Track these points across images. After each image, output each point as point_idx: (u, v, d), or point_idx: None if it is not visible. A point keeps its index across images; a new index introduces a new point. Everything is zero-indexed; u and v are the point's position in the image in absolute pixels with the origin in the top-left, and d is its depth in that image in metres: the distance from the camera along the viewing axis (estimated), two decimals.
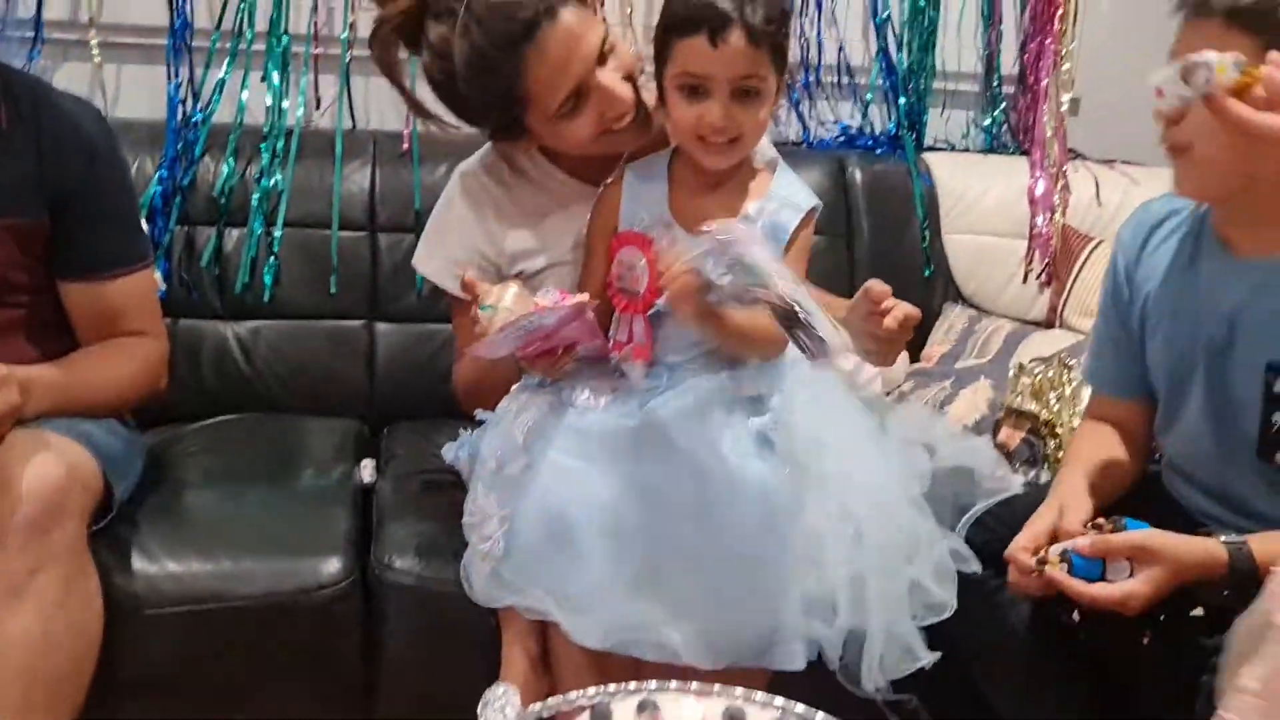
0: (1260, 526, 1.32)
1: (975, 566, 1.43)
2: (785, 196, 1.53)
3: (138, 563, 1.44)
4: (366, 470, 1.79)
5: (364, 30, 2.14)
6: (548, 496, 1.38)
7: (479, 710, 0.92)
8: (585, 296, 1.40)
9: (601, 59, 1.46)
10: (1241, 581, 1.22)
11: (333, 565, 1.49)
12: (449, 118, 1.55)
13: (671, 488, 1.39)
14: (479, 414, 1.52)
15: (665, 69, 1.45)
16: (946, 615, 1.41)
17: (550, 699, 0.91)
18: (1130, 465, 1.51)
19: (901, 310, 1.40)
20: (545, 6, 1.41)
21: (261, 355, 2.03)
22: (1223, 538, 1.26)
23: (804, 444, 1.46)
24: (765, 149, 1.62)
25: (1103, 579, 1.26)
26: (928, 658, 1.39)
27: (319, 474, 1.73)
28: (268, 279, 2.04)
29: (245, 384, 2.02)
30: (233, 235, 2.04)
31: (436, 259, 1.61)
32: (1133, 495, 1.52)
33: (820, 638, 1.38)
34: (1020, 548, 1.32)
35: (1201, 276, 1.40)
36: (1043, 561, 1.27)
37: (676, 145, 1.52)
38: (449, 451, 1.53)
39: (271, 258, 2.04)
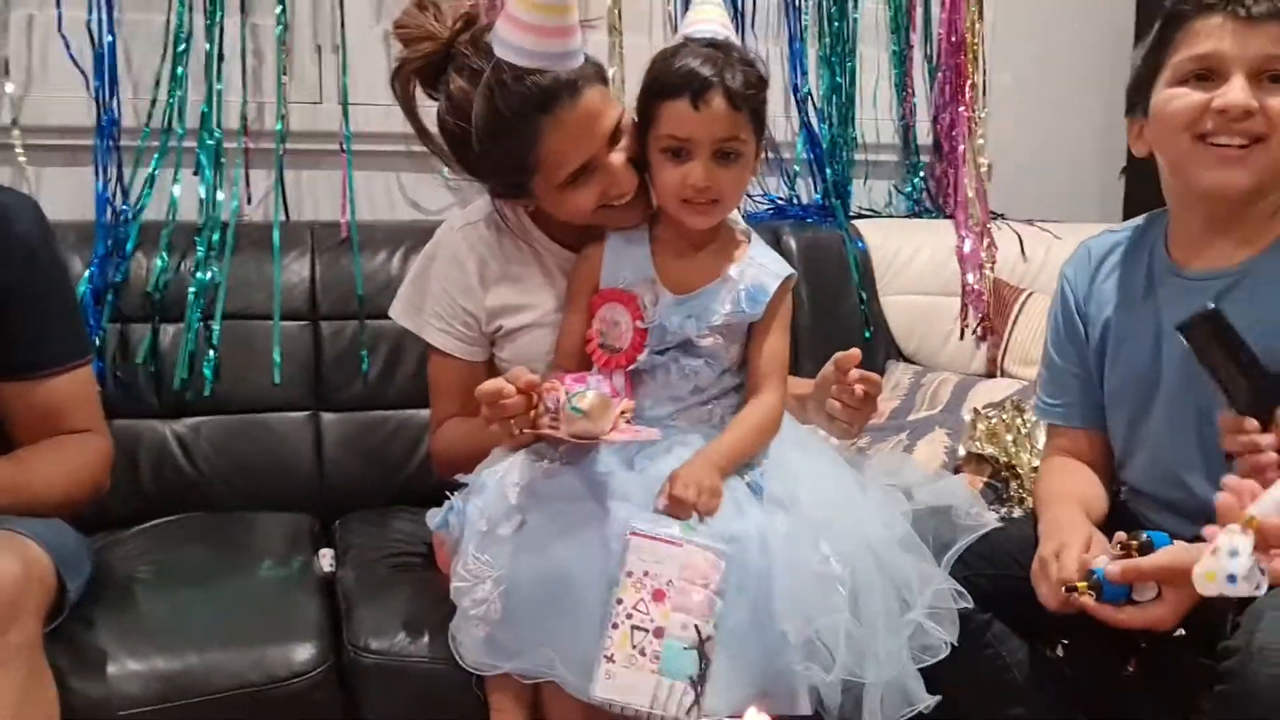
0: None
1: (968, 603, 1.43)
2: (764, 263, 1.58)
3: (97, 662, 1.34)
4: (325, 560, 1.72)
5: (297, 123, 2.19)
6: (545, 553, 1.34)
7: None
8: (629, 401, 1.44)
9: (614, 139, 1.50)
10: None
11: (305, 652, 1.41)
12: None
13: None
14: (461, 478, 1.48)
15: (650, 132, 1.49)
16: (943, 656, 1.40)
17: None
18: (1103, 492, 1.53)
19: (870, 377, 1.50)
20: (569, 81, 1.44)
21: (203, 453, 1.95)
22: None
23: (793, 492, 1.46)
24: (737, 219, 1.67)
25: (1129, 599, 1.25)
26: (928, 701, 1.38)
27: (277, 564, 1.65)
28: (208, 373, 1.97)
29: (187, 484, 1.93)
30: (169, 331, 1.98)
31: (416, 312, 1.63)
32: (1103, 525, 1.54)
33: (819, 684, 1.35)
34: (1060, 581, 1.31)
35: (1159, 297, 1.45)
36: (1071, 589, 1.26)
37: (658, 207, 1.56)
38: (433, 518, 1.48)
39: (211, 351, 1.98)
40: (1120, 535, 1.31)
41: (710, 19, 1.54)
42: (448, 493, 1.46)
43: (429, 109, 1.57)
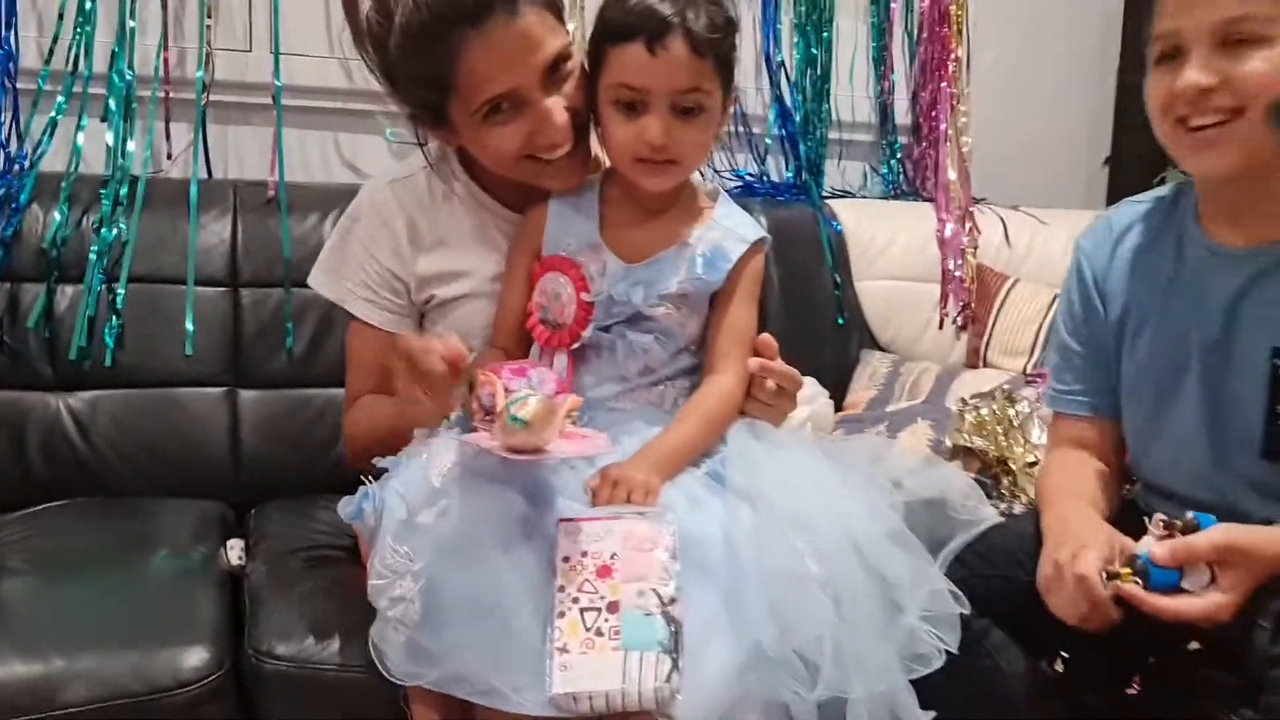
0: None
1: (965, 608, 1.27)
2: (729, 226, 1.41)
3: None
4: (234, 552, 1.53)
5: (223, 72, 1.99)
6: (471, 546, 1.15)
7: None
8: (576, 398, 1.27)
9: (552, 79, 1.33)
10: None
11: (197, 657, 1.22)
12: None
13: None
14: (379, 462, 1.29)
15: (600, 80, 1.32)
16: (937, 666, 1.23)
17: None
18: (1114, 489, 1.40)
19: (783, 372, 1.38)
20: None
21: (101, 431, 1.76)
22: None
23: (759, 482, 1.29)
24: (707, 179, 1.52)
25: (1179, 587, 1.11)
26: (920, 718, 1.22)
27: (175, 556, 1.46)
28: (109, 341, 1.78)
29: (82, 466, 1.74)
30: (66, 293, 1.78)
31: (337, 278, 1.48)
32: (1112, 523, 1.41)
33: (789, 702, 1.17)
34: (1091, 567, 1.16)
35: (1191, 275, 1.32)
36: (1113, 575, 1.10)
37: (610, 167, 1.40)
38: (346, 507, 1.28)
39: (114, 317, 1.79)
40: (1160, 516, 1.17)
41: None
42: (363, 478, 1.26)
43: None
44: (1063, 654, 1.45)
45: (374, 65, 1.37)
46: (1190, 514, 1.15)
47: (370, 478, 1.28)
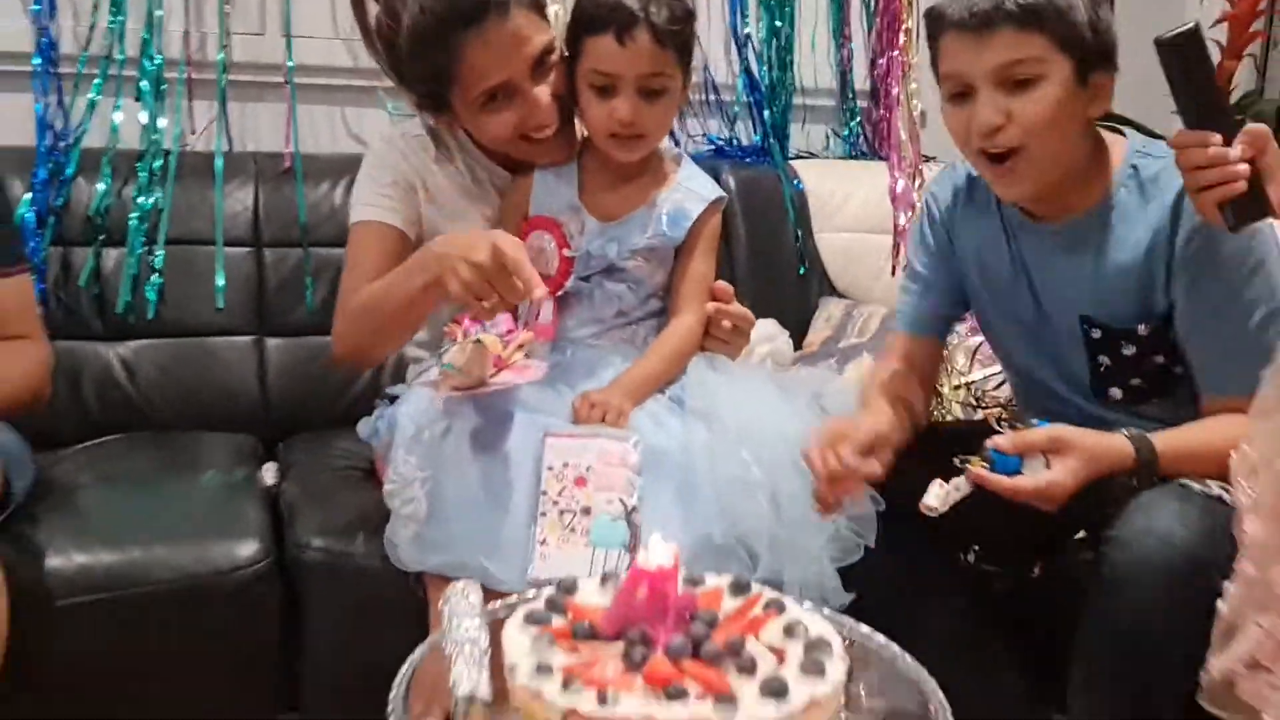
0: None
1: (881, 506, 1.49)
2: (690, 188, 1.62)
3: (42, 556, 1.38)
4: (269, 473, 1.77)
5: (240, 54, 2.20)
6: (469, 456, 1.39)
7: (442, 607, 0.91)
8: (533, 333, 1.47)
9: (539, 70, 1.51)
10: (1146, 471, 1.31)
11: (249, 548, 1.46)
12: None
13: None
14: (390, 390, 1.53)
15: (577, 66, 1.52)
16: (859, 557, 1.45)
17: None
18: (922, 399, 1.58)
19: (736, 314, 1.60)
20: (499, 0, 1.46)
21: (147, 375, 1.98)
22: (1124, 432, 1.34)
23: (713, 405, 1.52)
24: (669, 146, 1.71)
25: (1019, 473, 1.30)
26: (844, 599, 1.44)
27: (220, 474, 1.69)
28: (151, 297, 1.99)
29: (131, 406, 1.96)
30: (111, 255, 1.99)
31: (358, 205, 1.61)
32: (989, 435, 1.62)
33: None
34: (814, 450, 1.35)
35: (1011, 238, 1.50)
36: (965, 463, 1.32)
37: (586, 139, 1.59)
38: (364, 427, 1.52)
39: (154, 276, 2.00)
40: (1008, 421, 1.39)
41: None
42: (378, 401, 1.50)
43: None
44: (975, 547, 1.70)
45: (383, 63, 1.56)
46: (1033, 419, 1.37)
47: (384, 401, 1.52)
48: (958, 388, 1.88)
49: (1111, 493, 1.33)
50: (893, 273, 2.43)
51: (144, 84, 2.11)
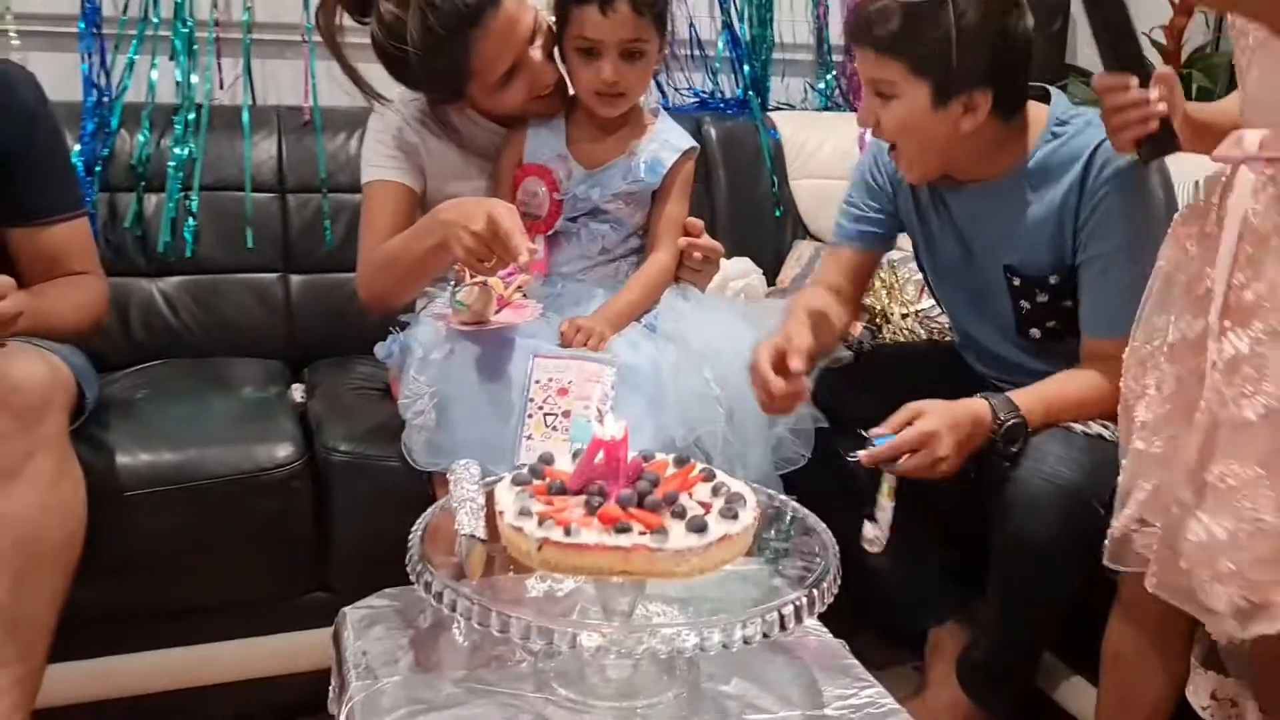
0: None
1: (824, 423, 1.70)
2: (666, 139, 1.82)
3: (113, 454, 1.62)
4: (297, 393, 2.00)
5: (262, 14, 2.40)
6: (470, 372, 1.61)
7: (449, 479, 1.15)
8: (528, 274, 1.63)
9: (531, 39, 1.70)
10: (1009, 428, 1.51)
11: (285, 450, 1.70)
12: (390, 87, 1.76)
13: None
14: (402, 318, 1.76)
15: (565, 32, 1.71)
16: (800, 465, 1.68)
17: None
18: (840, 323, 1.77)
19: (705, 245, 1.78)
20: None
21: (186, 307, 2.20)
22: (980, 396, 1.54)
23: (682, 330, 1.74)
24: (648, 101, 1.91)
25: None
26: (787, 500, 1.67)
27: (257, 390, 1.93)
28: (188, 237, 2.21)
29: (172, 334, 2.18)
30: (152, 200, 2.21)
31: (367, 166, 1.79)
32: (936, 366, 1.83)
33: None
34: (763, 358, 1.54)
35: (949, 207, 1.69)
36: (854, 457, 1.50)
37: (573, 95, 1.79)
38: (380, 349, 1.76)
39: (190, 219, 2.22)
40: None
41: None
42: (391, 328, 1.73)
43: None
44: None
45: (392, 75, 1.72)
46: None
47: (397, 328, 1.75)
48: (905, 315, 2.11)
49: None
50: None
51: (177, 43, 2.33)
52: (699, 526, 0.99)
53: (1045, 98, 1.64)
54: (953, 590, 1.83)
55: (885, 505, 1.45)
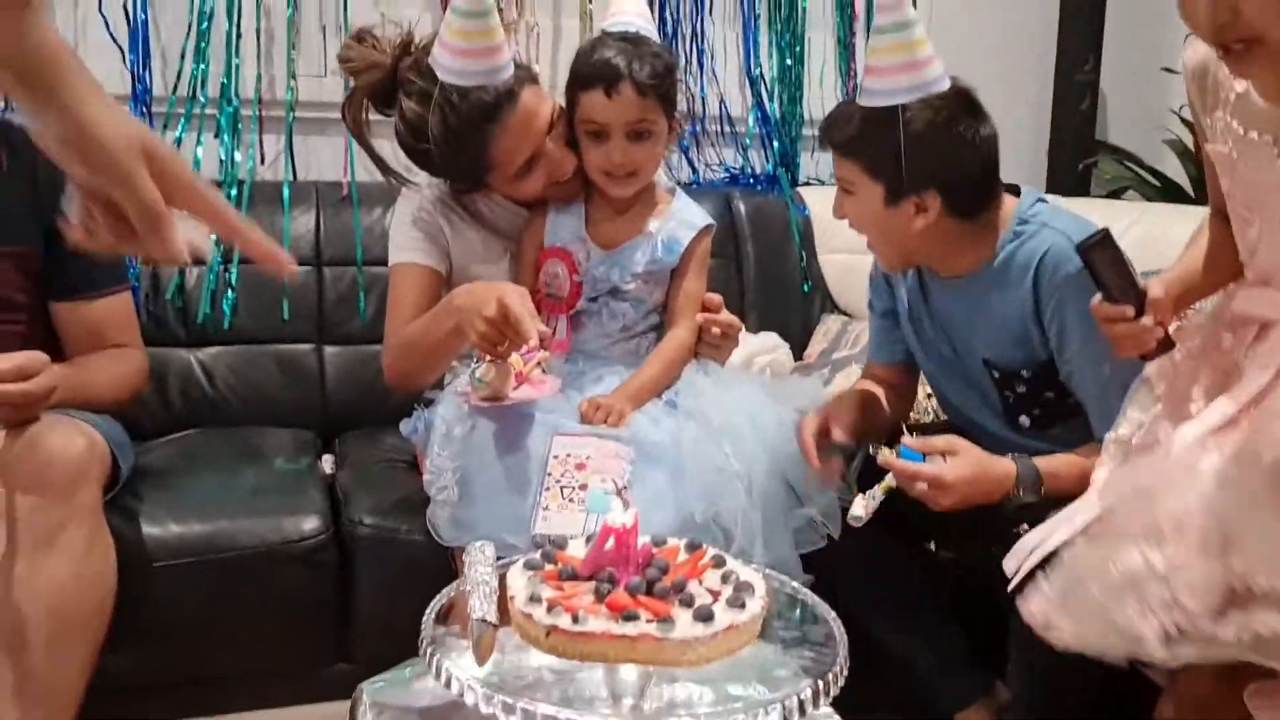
0: None
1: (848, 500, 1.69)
2: (682, 217, 1.85)
3: (145, 525, 1.67)
4: (327, 463, 2.04)
5: (304, 94, 2.49)
6: (491, 449, 1.62)
7: (464, 559, 1.17)
8: (548, 351, 1.67)
9: (550, 129, 1.75)
10: (1029, 485, 1.54)
11: (312, 522, 1.74)
12: (411, 173, 1.83)
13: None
14: (427, 395, 1.79)
15: (575, 116, 1.76)
16: (822, 545, 1.68)
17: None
18: (893, 410, 1.83)
19: (724, 321, 1.80)
20: (508, 90, 1.68)
21: (222, 377, 2.26)
22: (1011, 455, 1.57)
23: (702, 406, 1.75)
24: (662, 179, 1.92)
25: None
26: (803, 578, 1.64)
27: (287, 462, 1.98)
28: (227, 309, 2.28)
29: (209, 403, 2.24)
30: (194, 273, 2.28)
31: (395, 250, 1.85)
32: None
33: None
34: (807, 430, 1.63)
35: (925, 289, 1.74)
36: (878, 450, 1.56)
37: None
38: (406, 426, 1.79)
39: (230, 291, 2.29)
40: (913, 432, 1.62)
41: (627, 11, 1.79)
42: (415, 405, 1.76)
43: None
44: (934, 541, 1.91)
45: (416, 165, 1.79)
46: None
47: (422, 404, 1.79)
48: (930, 395, 2.11)
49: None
50: None
51: (222, 121, 2.41)
52: (705, 615, 1.00)
53: (1019, 194, 1.69)
54: (976, 671, 1.81)
55: (878, 495, 1.54)
